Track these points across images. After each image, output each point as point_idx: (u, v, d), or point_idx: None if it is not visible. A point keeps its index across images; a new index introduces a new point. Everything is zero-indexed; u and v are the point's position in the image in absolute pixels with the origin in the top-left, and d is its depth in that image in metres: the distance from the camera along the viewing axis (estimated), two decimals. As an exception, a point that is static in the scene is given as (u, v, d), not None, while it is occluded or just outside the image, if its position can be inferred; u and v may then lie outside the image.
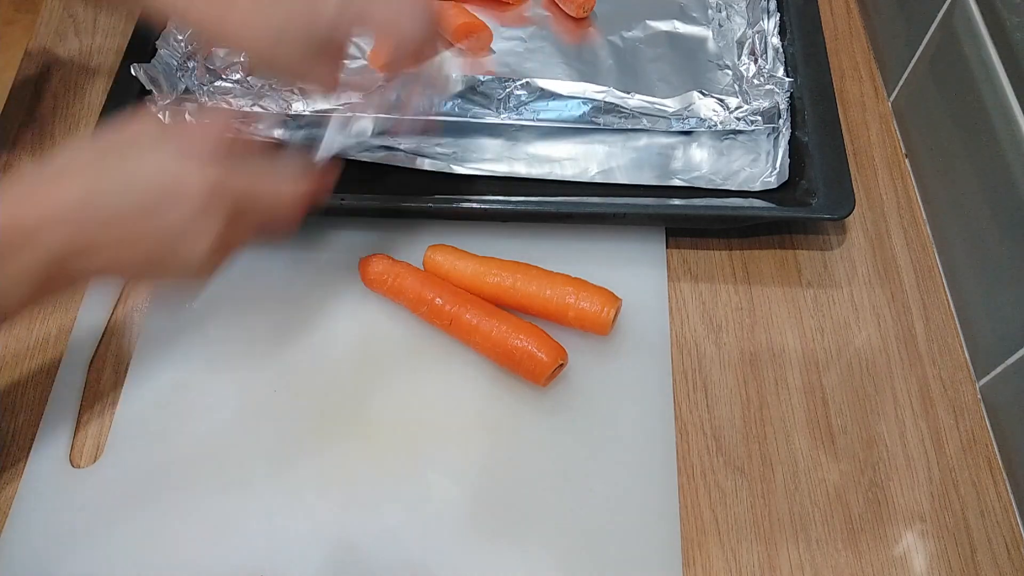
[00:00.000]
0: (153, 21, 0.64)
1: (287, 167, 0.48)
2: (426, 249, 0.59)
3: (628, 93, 0.61)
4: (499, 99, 0.62)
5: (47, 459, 0.53)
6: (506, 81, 0.62)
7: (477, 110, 0.62)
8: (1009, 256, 0.52)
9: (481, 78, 0.62)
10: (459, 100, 0.62)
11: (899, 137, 0.67)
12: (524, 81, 0.61)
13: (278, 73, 0.58)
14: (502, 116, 0.62)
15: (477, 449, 0.53)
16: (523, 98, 0.62)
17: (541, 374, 0.52)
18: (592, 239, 0.61)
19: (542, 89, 0.61)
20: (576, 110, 0.61)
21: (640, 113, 0.61)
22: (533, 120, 0.62)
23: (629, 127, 0.62)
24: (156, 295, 0.58)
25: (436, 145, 0.62)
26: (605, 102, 0.61)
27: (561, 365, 0.53)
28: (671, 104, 0.61)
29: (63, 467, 0.52)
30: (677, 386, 0.56)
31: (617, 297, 0.55)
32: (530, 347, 0.52)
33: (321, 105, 0.62)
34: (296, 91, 0.63)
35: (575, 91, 0.61)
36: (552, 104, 0.62)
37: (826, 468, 0.53)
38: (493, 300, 0.56)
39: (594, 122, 0.62)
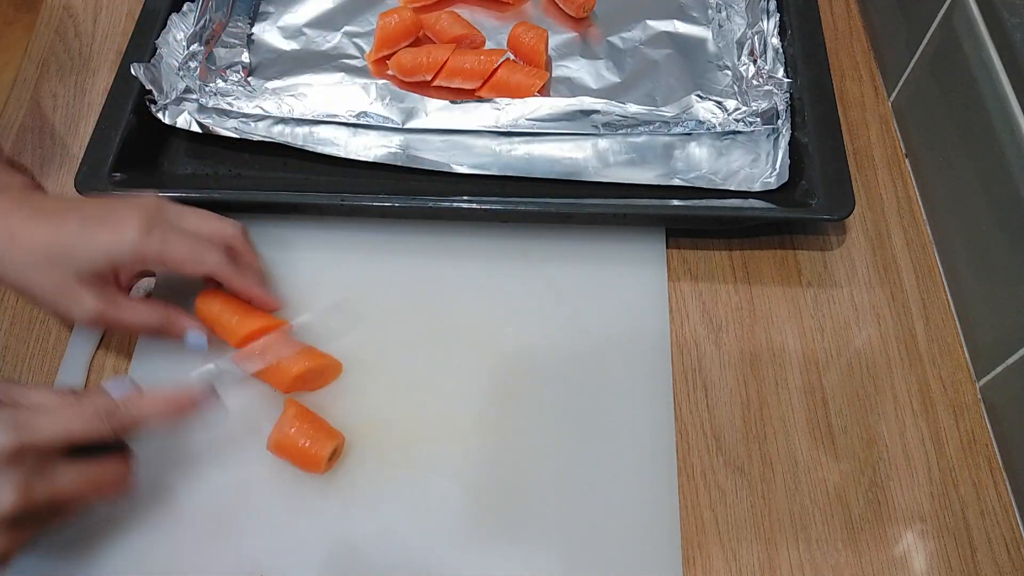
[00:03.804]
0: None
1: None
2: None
3: (624, 104, 0.61)
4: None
5: (47, 459, 0.53)
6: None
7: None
8: (1009, 256, 0.52)
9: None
10: None
11: (899, 137, 0.67)
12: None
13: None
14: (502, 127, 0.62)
15: (477, 449, 0.53)
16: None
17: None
18: (592, 239, 0.61)
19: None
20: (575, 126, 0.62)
21: (639, 120, 0.61)
22: (533, 127, 0.62)
23: (627, 130, 0.62)
24: None
25: (436, 145, 0.62)
26: (603, 124, 0.61)
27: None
28: (668, 111, 0.62)
29: (63, 467, 0.52)
30: (677, 386, 0.56)
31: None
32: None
33: (321, 109, 0.62)
34: (296, 95, 0.63)
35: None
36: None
37: (826, 468, 0.53)
38: None
39: (593, 127, 0.62)
